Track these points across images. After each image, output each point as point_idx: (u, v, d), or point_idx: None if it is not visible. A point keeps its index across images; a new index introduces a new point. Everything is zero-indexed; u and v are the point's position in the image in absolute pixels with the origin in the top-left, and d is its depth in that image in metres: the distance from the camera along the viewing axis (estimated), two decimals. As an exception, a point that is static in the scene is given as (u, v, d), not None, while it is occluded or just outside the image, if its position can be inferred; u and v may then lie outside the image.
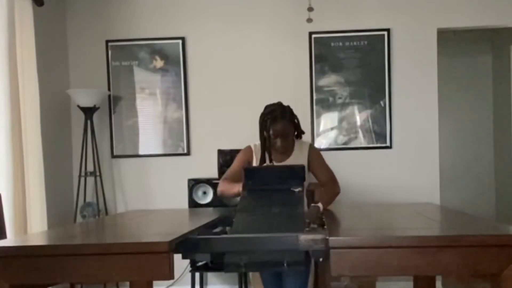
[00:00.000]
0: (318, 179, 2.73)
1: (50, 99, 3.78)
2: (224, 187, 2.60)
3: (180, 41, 4.03)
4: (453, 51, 5.32)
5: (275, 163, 2.61)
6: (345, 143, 3.98)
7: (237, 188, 2.42)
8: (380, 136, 3.96)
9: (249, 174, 2.29)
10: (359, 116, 3.97)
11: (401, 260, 1.53)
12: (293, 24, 3.97)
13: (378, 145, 3.96)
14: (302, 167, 2.29)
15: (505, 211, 5.23)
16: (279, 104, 2.64)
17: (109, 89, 4.07)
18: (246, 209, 2.07)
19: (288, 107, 2.65)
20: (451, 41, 5.09)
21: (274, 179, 2.26)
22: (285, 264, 1.70)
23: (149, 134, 4.08)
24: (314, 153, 2.75)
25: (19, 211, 3.11)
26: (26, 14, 3.28)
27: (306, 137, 3.86)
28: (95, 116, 3.94)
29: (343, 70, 3.96)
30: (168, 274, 1.54)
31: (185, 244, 1.72)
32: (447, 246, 1.52)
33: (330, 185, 2.66)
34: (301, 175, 2.26)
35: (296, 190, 2.19)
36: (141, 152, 4.09)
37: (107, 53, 4.08)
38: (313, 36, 3.96)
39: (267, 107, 2.65)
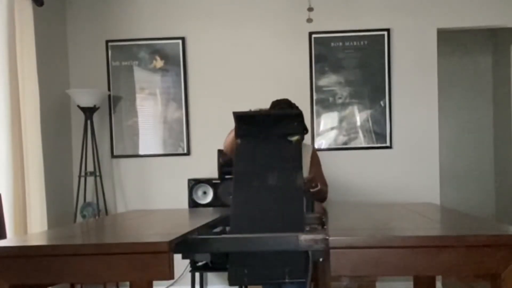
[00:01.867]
0: None
1: (50, 99, 3.78)
2: (225, 143, 2.63)
3: (180, 41, 4.04)
4: (453, 51, 5.32)
5: None
6: (345, 143, 3.98)
7: (232, 134, 2.40)
8: (380, 136, 3.96)
9: (241, 119, 2.06)
10: (359, 116, 3.97)
11: (401, 260, 1.53)
12: (293, 24, 3.97)
13: (378, 145, 3.96)
14: (299, 113, 2.10)
15: (505, 211, 5.23)
16: (286, 99, 2.71)
17: (109, 89, 4.07)
18: (242, 181, 1.98)
19: (294, 104, 2.73)
20: (451, 41, 5.09)
21: (269, 125, 2.05)
22: (286, 279, 1.73)
23: (149, 134, 4.09)
24: (316, 158, 2.91)
25: (19, 211, 3.11)
26: (26, 14, 3.28)
27: (306, 137, 3.86)
28: (95, 116, 3.94)
29: (343, 70, 3.96)
30: (168, 274, 1.53)
31: (185, 244, 1.72)
32: (447, 246, 1.52)
33: (322, 187, 2.82)
34: (298, 121, 2.08)
35: (293, 139, 2.05)
36: (141, 152, 4.09)
37: (107, 53, 4.08)
38: (313, 36, 3.96)
39: (274, 101, 2.71)
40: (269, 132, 2.05)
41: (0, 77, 3.04)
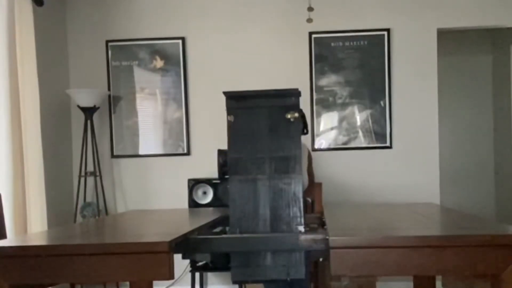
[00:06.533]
0: None
1: (50, 99, 3.78)
2: None
3: (180, 41, 4.03)
4: (453, 51, 5.32)
5: None
6: (345, 143, 3.98)
7: None
8: (380, 136, 3.95)
9: (234, 100, 1.92)
10: (359, 116, 3.97)
11: (401, 260, 1.53)
12: (293, 24, 3.97)
13: (378, 145, 3.96)
14: (297, 90, 1.95)
15: (505, 211, 5.23)
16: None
17: (109, 89, 4.07)
18: (238, 171, 1.90)
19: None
20: (451, 41, 5.09)
21: (265, 103, 1.91)
22: (288, 277, 1.75)
23: (149, 134, 4.08)
24: (311, 159, 3.10)
25: (19, 211, 3.11)
26: (26, 14, 3.28)
27: (306, 137, 3.86)
28: (95, 116, 3.94)
29: (343, 70, 3.96)
30: (168, 274, 1.54)
31: (185, 244, 1.72)
32: (447, 246, 1.52)
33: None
34: (295, 97, 1.93)
35: (292, 116, 1.91)
36: (141, 152, 4.09)
37: (107, 53, 4.08)
38: (313, 36, 3.96)
39: None
40: (265, 109, 1.91)
41: (0, 77, 3.04)
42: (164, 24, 4.06)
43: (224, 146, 3.93)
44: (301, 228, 1.83)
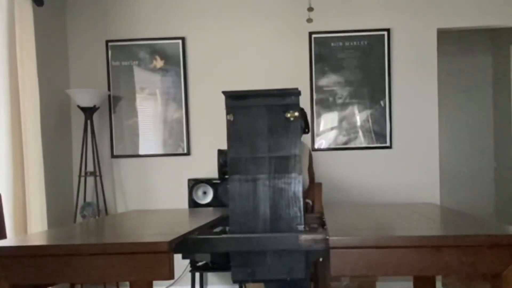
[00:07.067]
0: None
1: (50, 99, 3.78)
2: None
3: (180, 41, 4.03)
4: (453, 51, 5.32)
5: None
6: (345, 143, 3.98)
7: None
8: (380, 136, 3.95)
9: (233, 99, 1.92)
10: (359, 116, 3.97)
11: (401, 260, 1.53)
12: (293, 24, 3.97)
13: (378, 145, 3.96)
14: (296, 89, 1.95)
15: (505, 211, 5.23)
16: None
17: (109, 89, 4.07)
18: (238, 171, 1.90)
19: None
20: (451, 41, 5.09)
21: (264, 102, 1.90)
22: (288, 277, 1.75)
23: (149, 134, 4.08)
24: (311, 158, 3.12)
25: (19, 211, 3.11)
26: (26, 14, 3.28)
27: (306, 137, 3.86)
28: (95, 116, 3.94)
29: (343, 70, 3.96)
30: (168, 274, 1.54)
31: (185, 244, 1.72)
32: (447, 246, 1.52)
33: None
34: (295, 96, 1.91)
35: (291, 115, 1.89)
36: (141, 152, 4.09)
37: (107, 53, 4.08)
38: (313, 36, 3.96)
39: None
40: (265, 109, 1.90)
41: (0, 77, 3.04)
42: (164, 24, 4.06)
43: (224, 146, 3.92)
44: (301, 228, 1.83)
